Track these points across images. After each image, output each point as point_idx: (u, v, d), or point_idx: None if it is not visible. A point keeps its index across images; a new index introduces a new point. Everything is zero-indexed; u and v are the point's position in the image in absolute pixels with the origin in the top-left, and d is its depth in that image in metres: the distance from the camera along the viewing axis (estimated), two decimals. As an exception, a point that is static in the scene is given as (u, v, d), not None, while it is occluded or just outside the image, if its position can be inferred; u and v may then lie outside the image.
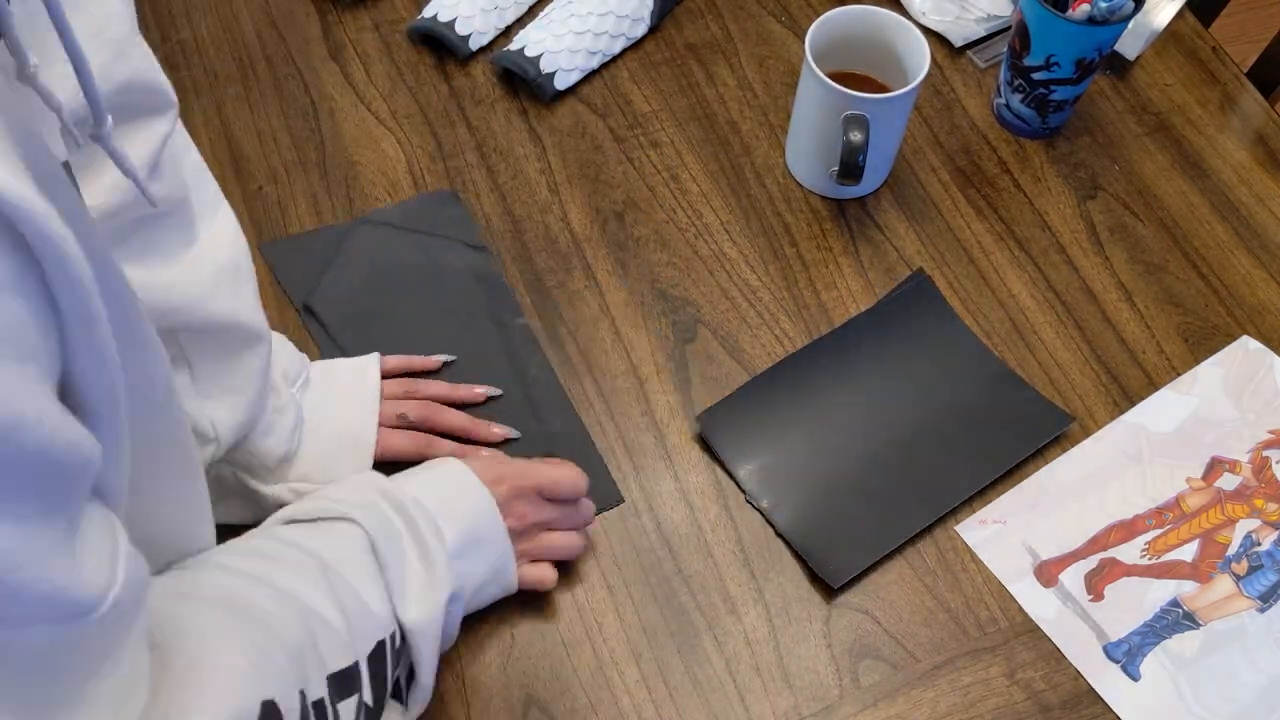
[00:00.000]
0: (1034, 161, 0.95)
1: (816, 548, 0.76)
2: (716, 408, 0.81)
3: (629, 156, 0.94)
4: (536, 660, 0.73)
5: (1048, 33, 0.86)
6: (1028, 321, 0.87)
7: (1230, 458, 0.81)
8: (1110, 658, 0.74)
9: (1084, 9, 0.86)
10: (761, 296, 0.87)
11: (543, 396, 0.81)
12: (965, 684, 0.73)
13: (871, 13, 0.88)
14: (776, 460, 0.80)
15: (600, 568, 0.76)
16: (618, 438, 0.81)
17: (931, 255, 0.89)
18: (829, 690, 0.72)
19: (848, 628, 0.75)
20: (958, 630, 0.75)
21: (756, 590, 0.76)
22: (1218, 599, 0.76)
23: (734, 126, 0.96)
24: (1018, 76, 0.91)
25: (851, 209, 0.92)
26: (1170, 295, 0.88)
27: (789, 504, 0.78)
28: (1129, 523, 0.79)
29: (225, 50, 0.98)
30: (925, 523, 0.77)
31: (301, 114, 0.95)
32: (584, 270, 0.88)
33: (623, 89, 0.97)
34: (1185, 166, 0.95)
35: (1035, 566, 0.77)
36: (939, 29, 1.00)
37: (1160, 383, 0.84)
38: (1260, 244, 0.91)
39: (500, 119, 0.95)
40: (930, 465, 0.79)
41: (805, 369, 0.83)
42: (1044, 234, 0.91)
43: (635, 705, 0.72)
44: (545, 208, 0.91)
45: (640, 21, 0.99)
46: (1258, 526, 0.79)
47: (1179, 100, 0.99)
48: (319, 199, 0.90)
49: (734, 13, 1.02)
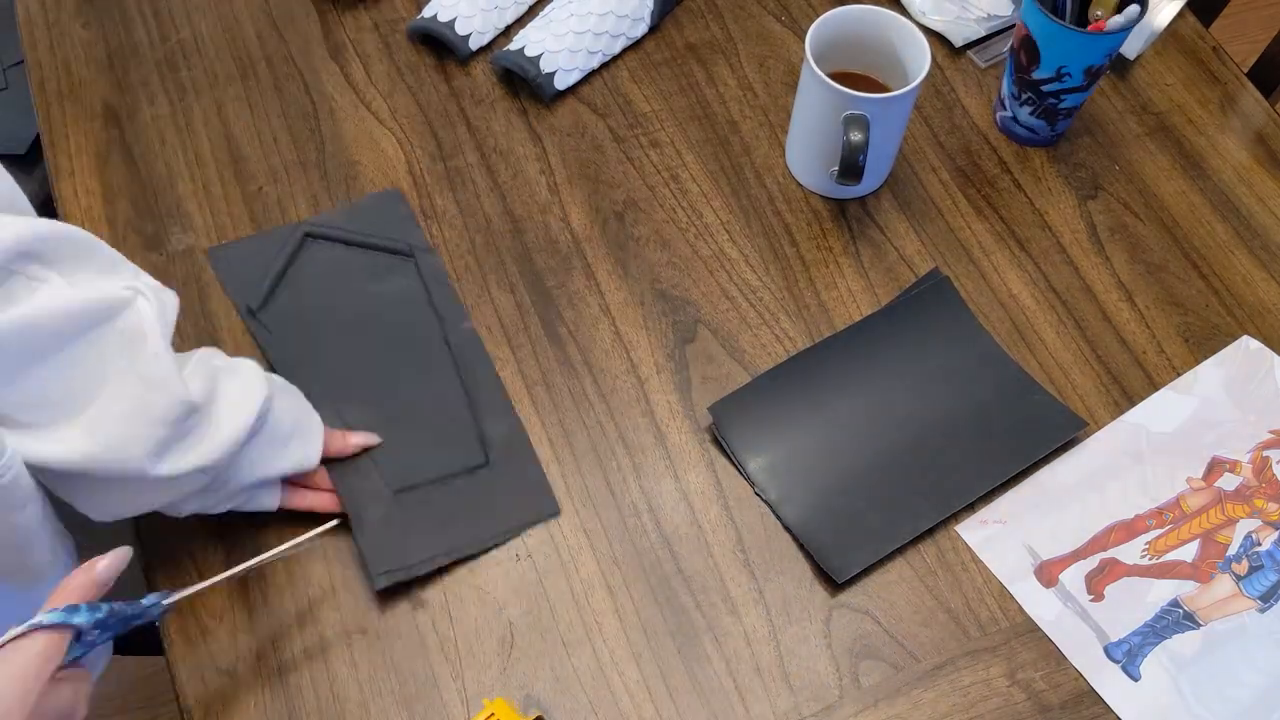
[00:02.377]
0: (1034, 161, 0.95)
1: (823, 543, 0.76)
2: (728, 400, 0.81)
3: (629, 156, 0.94)
4: (536, 660, 0.73)
5: (1057, 45, 0.86)
6: (1028, 321, 0.87)
7: (1231, 458, 0.81)
8: (1110, 658, 0.74)
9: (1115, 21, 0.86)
10: (762, 296, 0.87)
11: (487, 401, 0.81)
12: (965, 684, 0.73)
13: (871, 13, 0.88)
14: (786, 454, 0.80)
15: (600, 568, 0.76)
16: (618, 438, 0.81)
17: (932, 255, 0.89)
18: (829, 690, 0.72)
19: (848, 628, 0.74)
20: (958, 630, 0.75)
21: (757, 590, 0.75)
22: (1218, 599, 0.76)
23: (734, 126, 0.96)
24: (1026, 90, 0.91)
25: (851, 209, 0.92)
26: (1171, 295, 0.88)
27: (797, 498, 0.78)
28: (1129, 523, 0.79)
29: (225, 50, 0.98)
30: (932, 521, 0.77)
31: (301, 114, 0.95)
32: (584, 270, 0.88)
33: (623, 89, 0.97)
34: (1186, 166, 0.95)
35: (1035, 567, 0.77)
36: (939, 29, 1.00)
37: (1160, 383, 0.84)
38: (1260, 244, 0.91)
39: (500, 119, 0.95)
40: (940, 464, 0.79)
41: (817, 365, 0.83)
42: (1044, 234, 0.91)
43: (635, 705, 0.72)
44: (545, 208, 0.91)
45: (640, 21, 0.99)
46: (1258, 526, 0.79)
47: (1179, 100, 0.99)
48: (319, 199, 0.90)
49: (734, 13, 1.02)
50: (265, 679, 0.72)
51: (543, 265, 0.88)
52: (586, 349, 0.84)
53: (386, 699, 0.71)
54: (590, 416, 0.81)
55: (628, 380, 0.83)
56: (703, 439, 0.81)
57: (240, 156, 0.92)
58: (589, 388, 0.83)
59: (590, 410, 0.82)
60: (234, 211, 0.89)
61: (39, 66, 0.97)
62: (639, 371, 0.83)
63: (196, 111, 0.94)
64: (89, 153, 0.92)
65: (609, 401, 0.82)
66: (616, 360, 0.84)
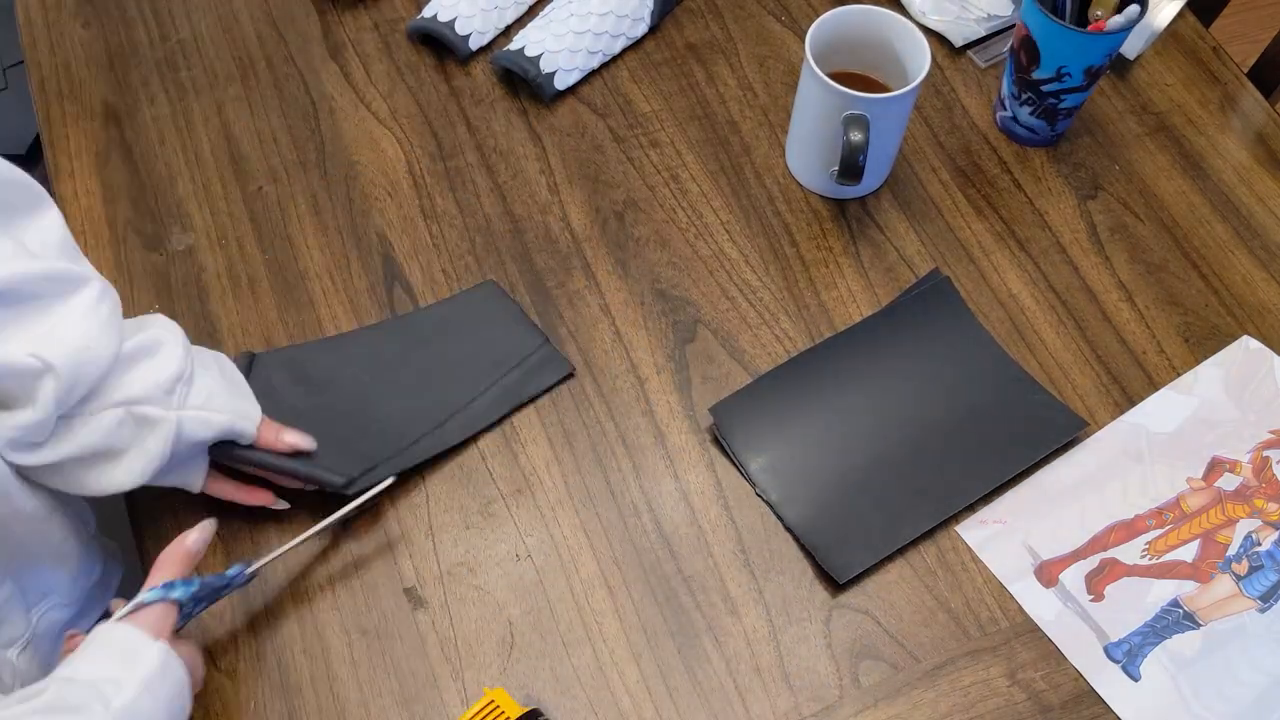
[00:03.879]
0: (1034, 161, 0.95)
1: (824, 543, 0.76)
2: (729, 401, 0.81)
3: (629, 156, 0.94)
4: (536, 660, 0.73)
5: (1057, 45, 0.86)
6: (1028, 321, 0.87)
7: (1231, 458, 0.81)
8: (1110, 658, 0.74)
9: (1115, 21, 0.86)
10: (761, 296, 0.87)
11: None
12: (965, 684, 0.73)
13: (871, 13, 0.88)
14: (787, 455, 0.80)
15: (600, 568, 0.76)
16: (618, 438, 0.81)
17: (932, 255, 0.89)
18: (829, 690, 0.72)
19: (848, 628, 0.74)
20: (958, 630, 0.75)
21: (756, 590, 0.75)
22: (1218, 599, 0.76)
23: (734, 126, 0.96)
24: (1026, 90, 0.91)
25: (851, 209, 0.92)
26: (1170, 295, 0.88)
27: (798, 499, 0.78)
28: (1129, 523, 0.79)
29: (225, 50, 0.98)
30: (934, 522, 0.77)
31: (301, 114, 0.95)
32: (584, 270, 0.88)
33: (623, 89, 0.97)
34: (1185, 166, 0.95)
35: (1035, 566, 0.77)
36: (939, 29, 1.00)
37: (1160, 383, 0.84)
38: (1260, 244, 0.91)
39: (500, 119, 0.95)
40: (941, 465, 0.79)
41: (819, 366, 0.83)
42: (1044, 234, 0.91)
43: (635, 705, 0.72)
44: (545, 208, 0.91)
45: (640, 21, 0.99)
46: (1258, 526, 0.79)
47: (1179, 100, 0.99)
48: (319, 199, 0.90)
49: (734, 13, 1.02)
50: (265, 679, 0.72)
51: (543, 265, 0.88)
52: (586, 349, 0.84)
53: (386, 699, 0.71)
54: (590, 416, 0.81)
55: (628, 380, 0.83)
56: (703, 439, 0.81)
57: (240, 156, 0.92)
58: (589, 388, 0.83)
59: (590, 410, 0.82)
60: (234, 211, 0.89)
61: (39, 66, 0.97)
62: (639, 371, 0.83)
63: (196, 111, 0.94)
64: (89, 152, 0.92)
65: (609, 401, 0.82)
66: (616, 360, 0.84)
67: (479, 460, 0.80)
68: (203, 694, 0.71)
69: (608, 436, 0.81)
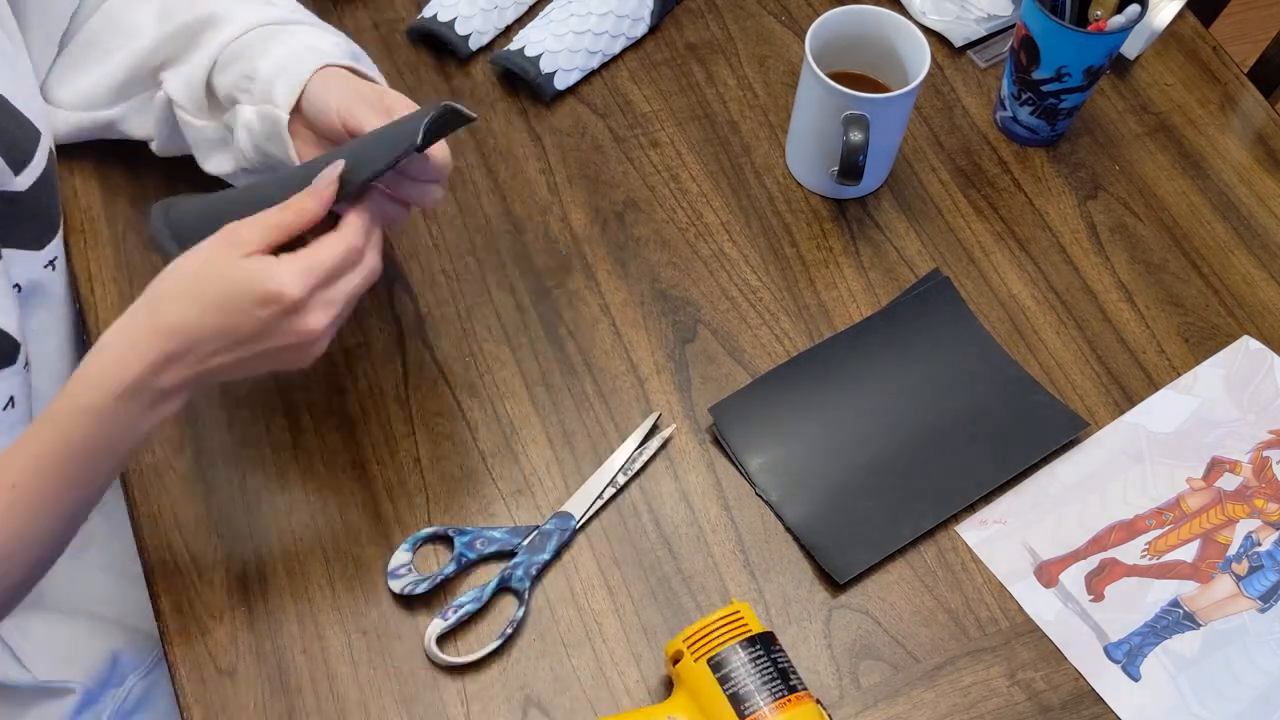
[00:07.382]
0: (1034, 161, 0.95)
1: (824, 543, 0.76)
2: (729, 401, 0.81)
3: (629, 156, 0.94)
4: (536, 660, 0.73)
5: (1057, 45, 0.86)
6: (1028, 322, 0.87)
7: (1231, 458, 0.81)
8: (1110, 658, 0.74)
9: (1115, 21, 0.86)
10: (761, 296, 0.87)
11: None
12: (965, 684, 0.73)
13: (871, 13, 0.88)
14: (787, 455, 0.80)
15: (600, 568, 0.76)
16: (618, 438, 0.81)
17: (931, 255, 0.89)
18: (829, 690, 0.72)
19: (848, 628, 0.74)
20: (958, 631, 0.75)
21: (757, 590, 0.75)
22: (1218, 599, 0.76)
23: (734, 126, 0.96)
24: (1026, 90, 0.91)
25: (851, 209, 0.92)
26: (1171, 295, 0.88)
27: (798, 499, 0.78)
28: (1129, 523, 0.79)
29: (225, 50, 0.98)
30: (934, 522, 0.77)
31: (301, 114, 0.95)
32: (584, 270, 0.88)
33: (623, 89, 0.97)
34: (1186, 166, 0.95)
35: (1035, 567, 0.77)
36: (939, 29, 1.00)
37: (1161, 383, 0.84)
38: (1260, 244, 0.91)
39: (500, 119, 0.95)
40: (941, 465, 0.79)
41: (818, 366, 0.83)
42: (1044, 234, 0.91)
43: (635, 705, 0.71)
44: (545, 208, 0.91)
45: (640, 21, 0.99)
46: (1258, 527, 0.79)
47: (1179, 100, 0.99)
48: (319, 199, 0.90)
49: (734, 13, 1.02)
50: (265, 679, 0.72)
51: (542, 265, 0.88)
52: (586, 349, 0.84)
53: (386, 699, 0.71)
54: (590, 416, 0.81)
55: (628, 380, 0.83)
56: (703, 439, 0.81)
57: (240, 156, 0.92)
58: (589, 388, 0.83)
59: (590, 410, 0.82)
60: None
61: (39, 66, 0.97)
62: (639, 371, 0.83)
63: (196, 111, 0.94)
64: (89, 152, 0.92)
65: (609, 401, 0.82)
66: (616, 360, 0.84)
67: (479, 460, 0.80)
68: (202, 694, 0.71)
69: (608, 436, 0.81)
